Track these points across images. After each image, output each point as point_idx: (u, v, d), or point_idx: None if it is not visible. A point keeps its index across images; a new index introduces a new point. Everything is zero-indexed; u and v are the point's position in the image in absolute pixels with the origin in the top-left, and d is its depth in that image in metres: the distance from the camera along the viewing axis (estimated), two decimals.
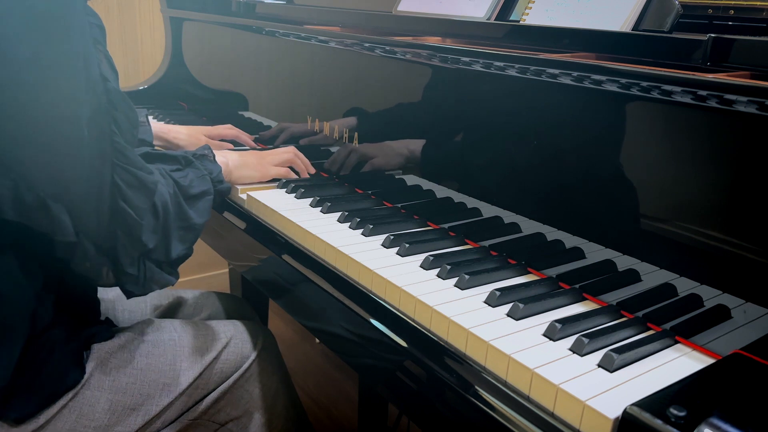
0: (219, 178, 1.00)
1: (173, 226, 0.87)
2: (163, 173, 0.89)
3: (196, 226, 0.92)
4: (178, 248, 0.89)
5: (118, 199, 0.78)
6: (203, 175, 0.96)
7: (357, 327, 0.81)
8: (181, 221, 0.89)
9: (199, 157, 0.99)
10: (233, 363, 1.03)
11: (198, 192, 0.93)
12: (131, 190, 0.79)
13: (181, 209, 0.89)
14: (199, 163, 0.98)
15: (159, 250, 0.86)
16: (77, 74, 0.73)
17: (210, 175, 0.97)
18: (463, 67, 0.93)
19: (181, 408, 0.97)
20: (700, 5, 1.02)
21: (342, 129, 1.18)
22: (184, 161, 0.96)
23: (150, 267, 0.85)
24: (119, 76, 0.84)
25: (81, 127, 0.73)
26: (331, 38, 1.19)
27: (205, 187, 0.95)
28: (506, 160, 0.91)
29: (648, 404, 0.53)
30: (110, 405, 0.89)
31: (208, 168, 0.98)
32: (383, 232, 0.94)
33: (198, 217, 0.92)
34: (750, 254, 0.66)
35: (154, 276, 0.86)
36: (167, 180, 0.89)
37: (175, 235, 0.88)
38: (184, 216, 0.90)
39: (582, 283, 0.79)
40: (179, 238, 0.89)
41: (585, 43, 0.85)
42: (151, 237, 0.83)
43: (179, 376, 0.96)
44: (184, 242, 0.90)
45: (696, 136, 0.70)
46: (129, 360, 0.93)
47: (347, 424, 1.83)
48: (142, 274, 0.85)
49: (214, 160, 1.02)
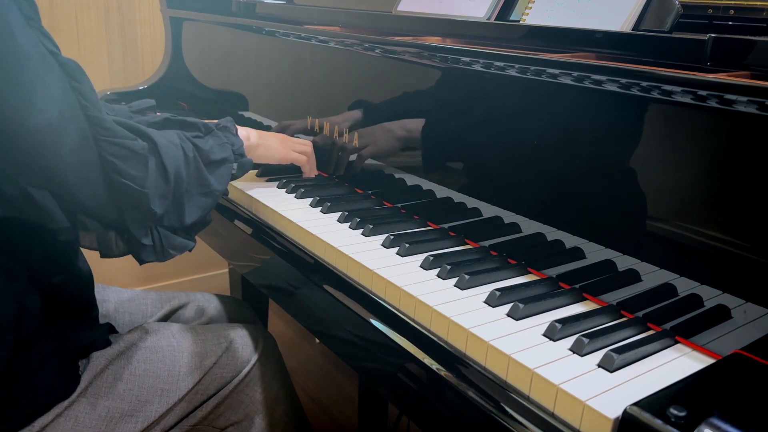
0: (240, 152, 0.98)
1: (190, 190, 0.85)
2: (182, 137, 0.87)
3: (216, 191, 0.90)
4: (193, 213, 0.87)
5: (114, 174, 0.76)
6: (224, 143, 0.94)
7: (357, 327, 0.81)
8: (201, 186, 0.87)
9: (222, 128, 0.98)
10: (233, 368, 1.02)
11: (219, 158, 0.92)
12: (124, 162, 0.76)
13: (200, 174, 0.87)
14: (220, 133, 0.96)
15: (171, 216, 0.84)
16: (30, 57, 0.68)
17: (232, 146, 0.96)
18: (463, 67, 0.93)
19: (180, 414, 0.96)
20: (700, 5, 1.02)
21: (342, 129, 1.18)
22: (205, 129, 0.94)
23: (165, 233, 0.83)
24: (119, 76, 0.83)
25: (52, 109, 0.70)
26: (331, 38, 1.19)
27: (226, 154, 0.93)
28: (506, 160, 0.91)
29: (648, 404, 0.53)
30: (107, 412, 0.88)
31: (230, 139, 0.97)
32: (383, 232, 0.94)
33: (218, 183, 0.90)
34: (750, 254, 0.66)
35: (171, 242, 0.84)
36: (186, 144, 0.87)
37: (191, 199, 0.86)
38: (204, 181, 0.88)
39: (582, 283, 0.79)
40: (197, 203, 0.87)
41: (585, 43, 0.85)
42: (159, 203, 0.80)
43: (178, 381, 0.95)
44: (201, 208, 0.88)
45: (696, 136, 0.70)
46: (126, 366, 0.92)
47: (347, 424, 1.83)
48: (158, 243, 0.83)
49: (236, 133, 1.01)
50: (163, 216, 0.82)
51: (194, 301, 1.24)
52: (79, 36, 1.95)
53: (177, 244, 0.85)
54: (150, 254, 0.83)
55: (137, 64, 2.07)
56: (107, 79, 2.02)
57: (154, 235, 0.82)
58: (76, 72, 0.74)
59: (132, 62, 2.06)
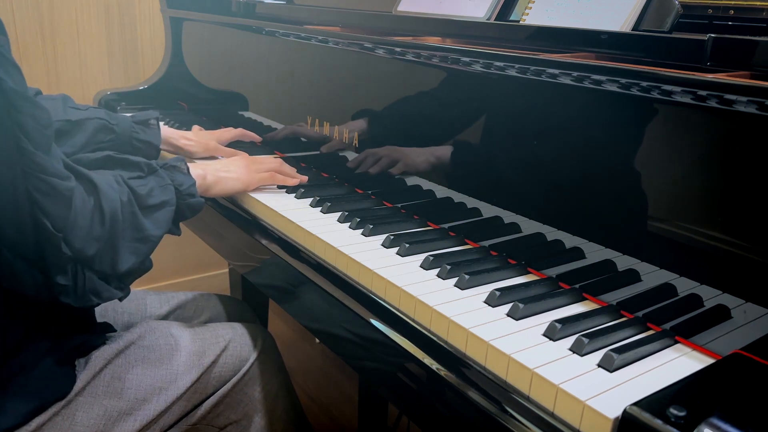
0: (190, 191, 0.94)
1: (124, 235, 0.82)
2: (119, 180, 0.85)
3: (152, 237, 0.86)
4: (128, 260, 0.83)
5: (36, 210, 0.73)
6: (166, 185, 0.91)
7: (357, 327, 0.81)
8: (135, 231, 0.84)
9: (169, 167, 0.95)
10: (232, 366, 1.02)
11: (157, 202, 0.88)
12: (46, 199, 0.73)
13: (135, 219, 0.84)
14: (165, 173, 0.92)
15: (103, 261, 0.80)
16: None
17: (179, 186, 0.92)
18: (463, 68, 0.93)
19: (179, 413, 0.96)
20: (700, 5, 1.02)
21: (342, 129, 1.18)
22: (148, 169, 0.91)
23: (90, 278, 0.79)
24: (119, 76, 0.82)
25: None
26: (331, 38, 1.19)
27: (167, 198, 0.90)
28: (506, 160, 0.91)
29: (648, 404, 0.53)
30: (105, 410, 0.88)
31: (178, 180, 0.93)
32: (383, 232, 0.94)
33: (155, 228, 0.87)
34: (750, 254, 0.66)
35: (94, 287, 0.80)
36: (122, 187, 0.84)
37: (124, 245, 0.82)
38: (139, 226, 0.84)
39: (582, 283, 0.79)
40: (130, 250, 0.83)
41: (585, 43, 0.85)
42: (91, 244, 0.78)
43: (176, 380, 0.95)
44: (136, 254, 0.84)
45: (696, 136, 0.70)
46: (125, 365, 0.92)
47: (347, 424, 1.83)
48: (81, 285, 0.79)
49: (187, 172, 0.97)
50: (95, 259, 0.79)
51: (193, 300, 1.24)
52: (79, 36, 1.95)
53: (101, 292, 0.81)
54: (67, 295, 0.79)
55: (137, 64, 2.07)
56: (107, 79, 2.02)
57: (77, 277, 0.78)
58: (18, 101, 0.70)
59: (132, 62, 2.06)
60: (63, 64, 1.94)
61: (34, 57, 1.89)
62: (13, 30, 1.84)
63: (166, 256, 2.27)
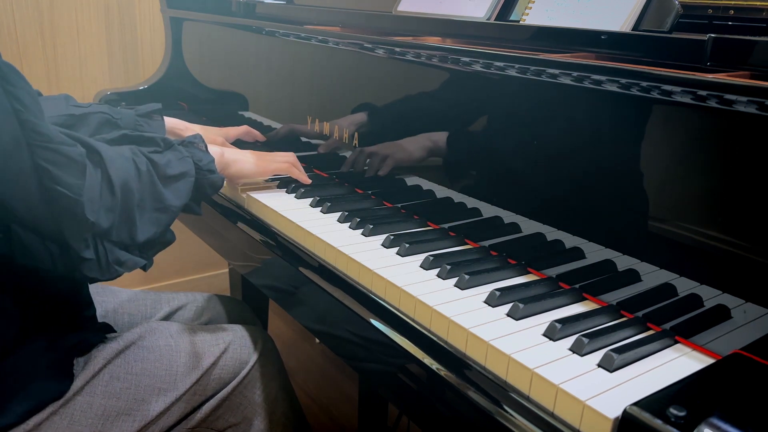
0: (209, 167, 0.94)
1: (143, 205, 0.82)
2: (136, 152, 0.84)
3: (172, 207, 0.86)
4: (147, 230, 0.82)
5: (48, 181, 0.71)
6: (184, 157, 0.90)
7: (357, 327, 0.81)
8: (155, 201, 0.84)
9: (186, 143, 0.94)
10: (232, 369, 1.02)
11: (176, 173, 0.88)
12: (59, 169, 0.71)
13: (154, 188, 0.84)
14: (183, 148, 0.92)
15: (121, 231, 0.79)
16: None
17: (198, 162, 0.92)
18: (463, 68, 0.93)
19: (178, 414, 0.96)
20: (700, 5, 1.02)
21: (342, 129, 1.18)
22: (165, 144, 0.91)
23: (110, 248, 0.79)
24: (119, 76, 0.82)
25: None
26: (331, 38, 1.19)
27: (185, 169, 0.89)
28: (506, 160, 0.91)
29: (648, 404, 0.53)
30: (103, 410, 0.88)
31: (196, 155, 0.93)
32: (383, 232, 0.94)
33: (174, 198, 0.86)
34: (750, 254, 0.66)
35: (118, 258, 0.79)
36: (140, 158, 0.83)
37: (143, 215, 0.82)
38: (159, 196, 0.84)
39: (582, 283, 0.79)
40: (150, 220, 0.83)
41: (585, 43, 0.85)
42: (104, 216, 0.76)
43: (176, 381, 0.95)
44: (156, 224, 0.84)
45: (696, 136, 0.70)
46: (124, 365, 0.92)
47: (347, 424, 1.82)
48: (103, 257, 0.78)
49: (205, 149, 0.97)
50: (111, 230, 0.78)
51: (193, 301, 1.24)
52: (79, 36, 1.95)
53: (124, 261, 0.80)
54: (92, 269, 0.78)
55: (137, 64, 2.07)
56: (107, 79, 2.02)
57: (98, 249, 0.77)
58: (11, 75, 0.69)
59: (132, 62, 2.06)
60: (63, 64, 1.94)
61: (34, 57, 1.89)
62: (13, 30, 1.84)
63: (166, 256, 2.25)
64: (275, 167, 1.12)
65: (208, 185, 0.94)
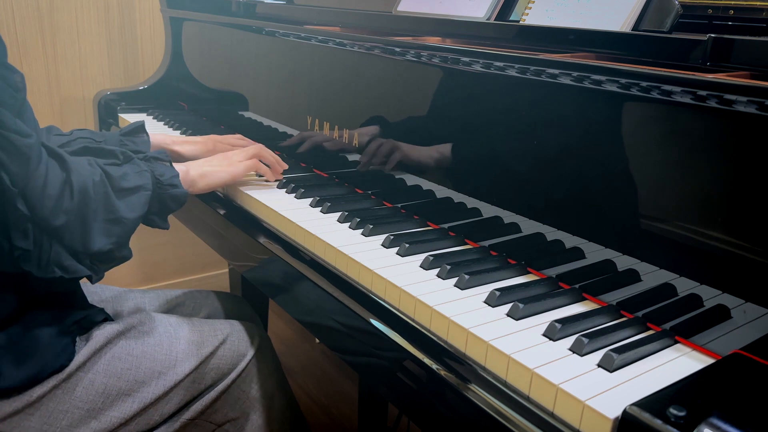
0: (172, 182, 0.94)
1: (96, 216, 0.83)
2: (92, 162, 0.86)
3: (125, 220, 0.86)
4: (99, 240, 0.83)
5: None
6: (142, 171, 0.91)
7: (357, 327, 0.81)
8: (107, 212, 0.84)
9: (149, 159, 0.95)
10: (230, 360, 1.03)
11: (131, 185, 0.88)
12: (6, 155, 0.74)
13: (108, 199, 0.84)
14: (143, 163, 0.93)
15: (73, 236, 0.80)
16: None
17: (160, 177, 0.93)
18: (463, 68, 0.93)
19: (178, 402, 0.97)
20: (700, 5, 1.02)
21: (342, 129, 1.18)
22: (123, 157, 0.92)
23: (58, 251, 0.80)
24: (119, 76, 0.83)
25: None
26: (331, 38, 1.19)
27: (141, 182, 0.90)
28: (506, 161, 0.91)
29: (648, 404, 0.53)
30: (104, 388, 0.91)
31: (158, 170, 0.94)
32: (383, 232, 0.94)
33: (128, 211, 0.87)
34: (750, 254, 0.66)
35: (61, 261, 0.80)
36: (94, 168, 0.85)
37: (97, 225, 0.83)
38: (111, 207, 0.85)
39: (582, 283, 0.79)
40: (102, 230, 0.84)
41: (585, 43, 0.85)
42: (60, 216, 0.78)
43: (175, 366, 0.97)
44: (108, 236, 0.84)
45: (696, 136, 0.70)
46: (125, 346, 0.94)
47: (347, 424, 1.83)
48: (45, 254, 0.79)
49: (169, 164, 0.97)
50: (64, 231, 0.80)
51: (192, 298, 1.25)
52: (79, 36, 1.95)
53: (66, 265, 0.81)
54: (29, 263, 0.79)
55: (137, 64, 2.07)
56: (107, 79, 2.02)
57: (42, 245, 0.79)
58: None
59: (132, 62, 2.06)
60: (63, 64, 1.94)
61: (34, 57, 1.89)
62: (13, 30, 1.84)
63: (166, 256, 2.27)
64: (244, 167, 1.11)
65: (169, 199, 0.95)
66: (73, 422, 0.88)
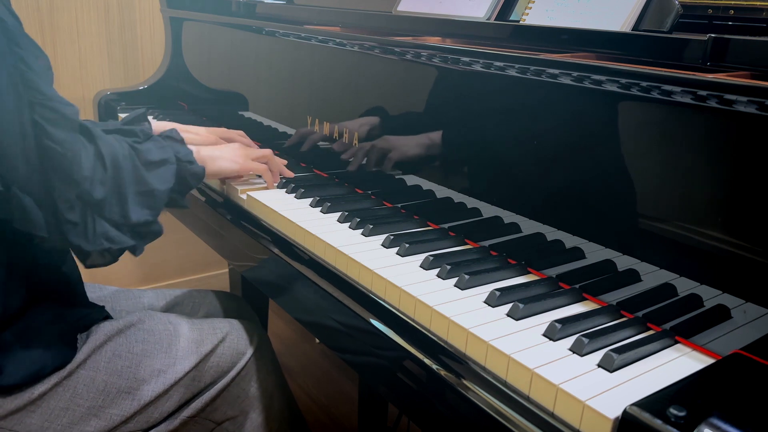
0: (189, 159, 0.95)
1: (129, 187, 0.83)
2: (117, 138, 0.86)
3: (157, 192, 0.87)
4: (138, 212, 0.84)
5: (43, 137, 0.74)
6: (164, 146, 0.91)
7: (357, 327, 0.81)
8: (139, 185, 0.85)
9: (165, 137, 0.96)
10: (229, 358, 1.03)
11: (157, 159, 0.89)
12: (54, 126, 0.75)
13: (137, 172, 0.85)
14: (161, 139, 0.94)
15: (113, 206, 0.81)
16: None
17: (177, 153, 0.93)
18: (463, 68, 0.93)
19: (177, 400, 0.97)
20: (700, 5, 1.02)
21: (342, 129, 1.18)
22: (143, 135, 0.92)
23: (101, 223, 0.80)
24: (119, 76, 0.83)
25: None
26: (331, 38, 1.19)
27: (166, 156, 0.90)
28: (506, 160, 0.91)
29: (648, 404, 0.53)
30: (105, 386, 0.91)
31: (174, 147, 0.94)
32: (383, 232, 0.94)
33: (159, 182, 0.87)
34: (750, 254, 0.66)
35: (106, 231, 0.80)
36: (121, 143, 0.85)
37: (132, 197, 0.83)
38: (142, 179, 0.85)
39: (582, 283, 0.79)
40: (138, 202, 0.84)
41: (585, 43, 0.85)
42: (98, 187, 0.79)
43: (175, 364, 0.97)
44: (145, 207, 0.85)
45: (696, 136, 0.70)
46: (125, 344, 0.95)
47: (347, 424, 1.83)
48: (91, 227, 0.79)
49: (182, 143, 0.98)
50: (104, 204, 0.80)
51: (191, 297, 1.25)
52: (79, 36, 1.95)
53: (113, 236, 0.81)
54: (78, 236, 0.79)
55: (137, 64, 2.07)
56: (107, 79, 2.02)
57: (87, 218, 0.79)
58: (19, 37, 0.74)
59: (132, 62, 2.06)
60: (63, 64, 1.94)
61: None
62: None
63: (167, 256, 2.27)
64: (254, 166, 1.12)
65: (189, 175, 0.95)
66: (74, 420, 0.89)
